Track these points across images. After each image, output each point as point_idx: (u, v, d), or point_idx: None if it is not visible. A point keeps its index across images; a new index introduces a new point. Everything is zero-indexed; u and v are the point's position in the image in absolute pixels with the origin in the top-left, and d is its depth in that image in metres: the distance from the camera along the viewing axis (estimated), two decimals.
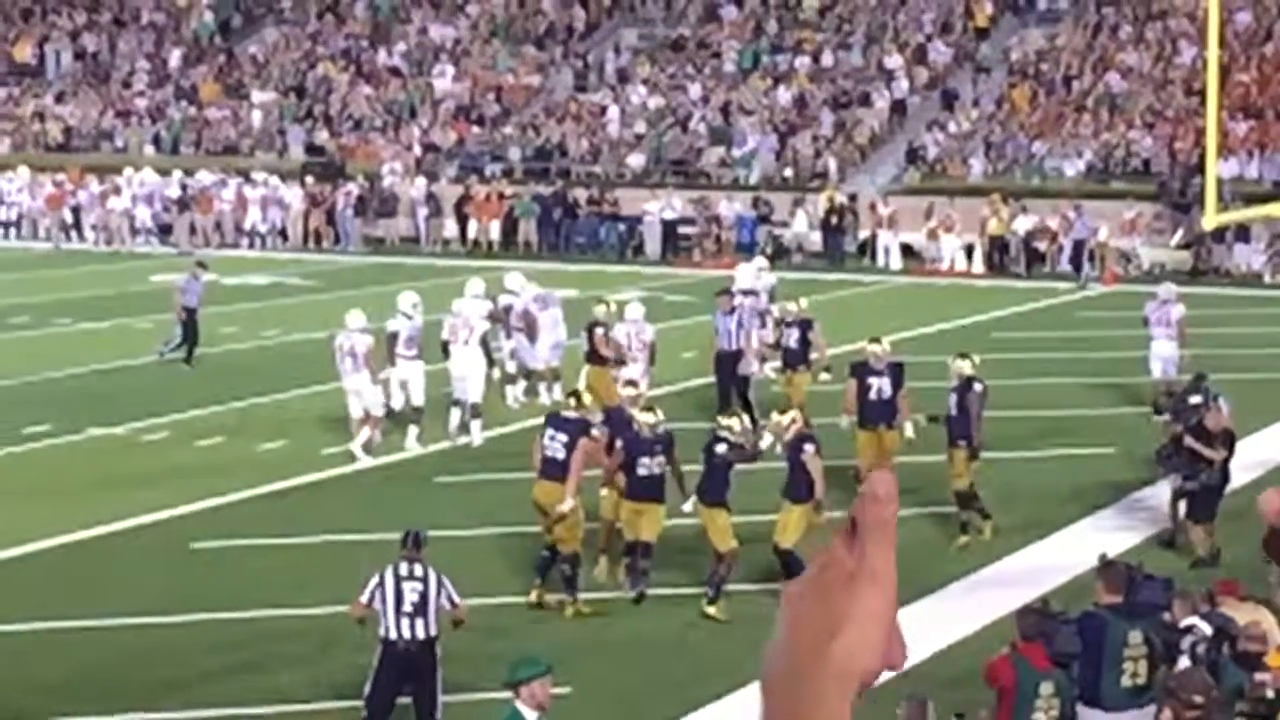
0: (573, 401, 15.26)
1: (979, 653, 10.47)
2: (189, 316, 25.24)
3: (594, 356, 20.65)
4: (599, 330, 20.69)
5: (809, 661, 1.49)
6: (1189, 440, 15.84)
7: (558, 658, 11.46)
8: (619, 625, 14.21)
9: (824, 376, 20.75)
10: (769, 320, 23.04)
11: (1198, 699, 9.31)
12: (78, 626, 14.12)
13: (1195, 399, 16.79)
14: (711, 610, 14.16)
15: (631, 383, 17.14)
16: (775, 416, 15.23)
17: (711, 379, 21.49)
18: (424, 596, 11.40)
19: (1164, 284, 24.34)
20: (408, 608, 11.38)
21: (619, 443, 14.88)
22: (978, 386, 16.72)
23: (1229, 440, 16.06)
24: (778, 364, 21.36)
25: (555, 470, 14.54)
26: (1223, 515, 16.78)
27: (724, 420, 15.14)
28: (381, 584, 11.48)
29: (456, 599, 11.64)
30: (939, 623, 13.38)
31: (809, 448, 14.45)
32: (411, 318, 20.37)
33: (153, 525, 17.06)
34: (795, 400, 20.38)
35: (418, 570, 11.53)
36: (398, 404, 20.27)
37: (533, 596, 14.41)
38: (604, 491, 15.23)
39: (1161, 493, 17.19)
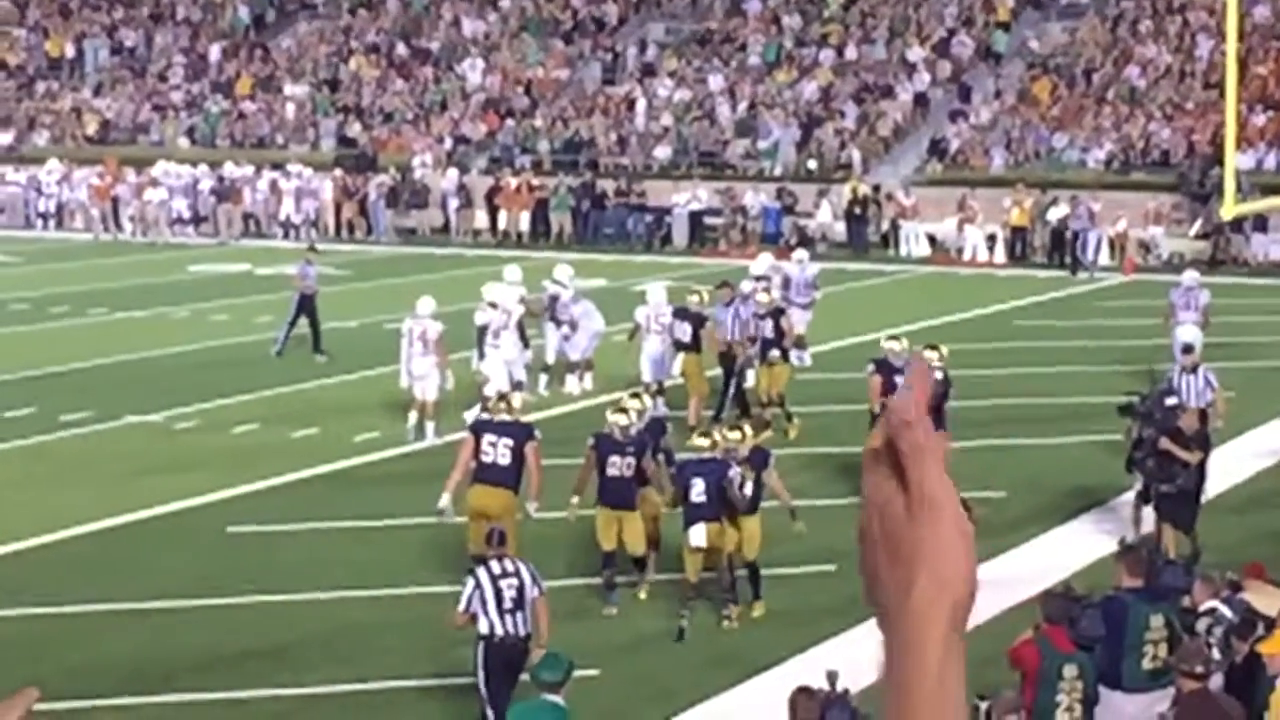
0: (503, 406, 14.87)
1: (1003, 635, 10.79)
2: (309, 303, 25.39)
3: (691, 345, 20.77)
4: (707, 325, 20.88)
5: (896, 614, 1.40)
6: (1165, 442, 15.17)
7: (588, 646, 11.83)
8: (647, 619, 14.27)
9: (773, 354, 20.66)
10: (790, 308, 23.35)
11: (1199, 669, 9.69)
12: (114, 609, 14.35)
13: (1171, 400, 16.10)
14: (756, 611, 14.22)
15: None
16: (725, 433, 14.54)
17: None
18: (520, 591, 11.50)
19: (1188, 271, 24.51)
20: (508, 604, 11.43)
21: (590, 441, 14.61)
22: (937, 375, 16.64)
23: (1204, 442, 15.59)
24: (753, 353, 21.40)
25: (499, 476, 14.19)
26: (1230, 506, 16.89)
27: (696, 440, 14.70)
28: (479, 586, 11.48)
29: (543, 587, 11.74)
30: None
31: (771, 462, 14.21)
32: (496, 306, 20.57)
33: (189, 510, 17.35)
34: (775, 391, 20.63)
35: (509, 566, 11.61)
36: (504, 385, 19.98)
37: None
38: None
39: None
